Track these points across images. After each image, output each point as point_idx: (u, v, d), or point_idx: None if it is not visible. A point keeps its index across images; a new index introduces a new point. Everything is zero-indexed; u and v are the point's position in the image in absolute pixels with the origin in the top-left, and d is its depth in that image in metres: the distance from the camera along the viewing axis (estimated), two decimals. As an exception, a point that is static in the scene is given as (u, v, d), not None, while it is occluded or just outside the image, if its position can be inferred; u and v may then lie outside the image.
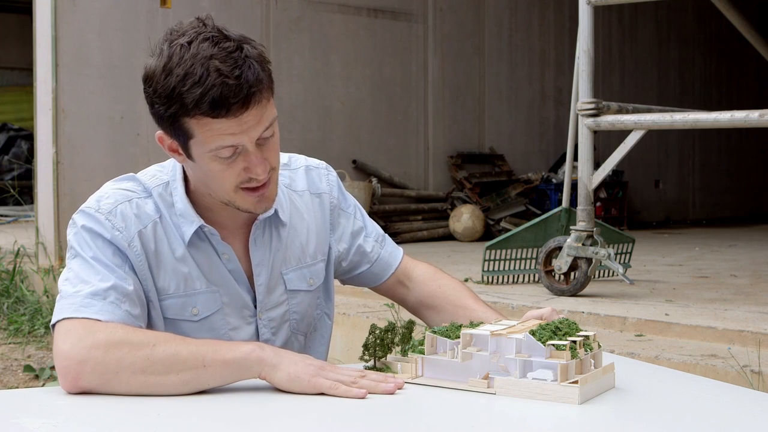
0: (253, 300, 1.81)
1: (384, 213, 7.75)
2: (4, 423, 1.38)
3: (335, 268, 1.97)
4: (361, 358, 1.65)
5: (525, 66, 9.19)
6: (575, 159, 4.61)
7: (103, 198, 1.71)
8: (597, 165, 4.38)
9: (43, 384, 4.40)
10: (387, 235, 2.05)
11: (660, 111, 4.44)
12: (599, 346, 1.58)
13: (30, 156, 9.43)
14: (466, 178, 8.36)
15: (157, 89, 1.60)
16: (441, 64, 8.45)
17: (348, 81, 7.91)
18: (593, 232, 4.31)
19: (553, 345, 1.50)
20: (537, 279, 4.87)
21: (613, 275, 4.96)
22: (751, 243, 7.71)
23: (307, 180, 1.93)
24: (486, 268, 4.88)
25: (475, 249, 6.52)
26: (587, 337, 1.56)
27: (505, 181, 8.60)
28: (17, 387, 4.37)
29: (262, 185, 1.68)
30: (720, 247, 7.24)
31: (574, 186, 4.85)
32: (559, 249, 4.40)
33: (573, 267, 4.34)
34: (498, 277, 4.94)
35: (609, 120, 4.27)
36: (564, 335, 1.54)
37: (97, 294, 1.60)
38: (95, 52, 6.44)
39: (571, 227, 4.40)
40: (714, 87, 11.33)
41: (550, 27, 9.40)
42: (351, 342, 4.09)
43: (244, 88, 1.57)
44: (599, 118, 4.27)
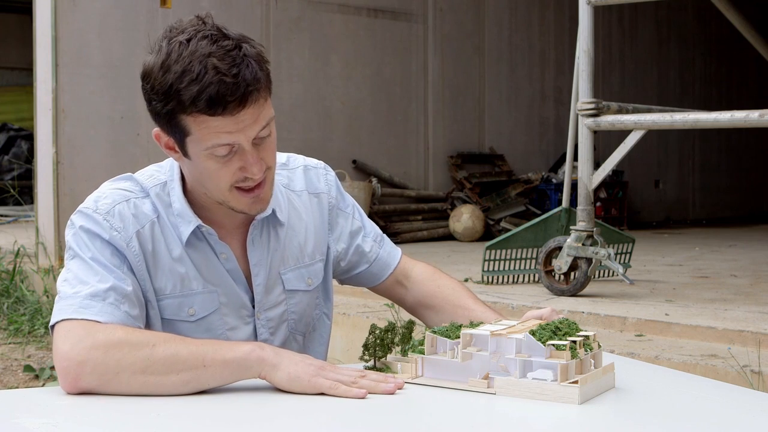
0: (251, 300, 1.81)
1: (384, 213, 7.74)
2: (4, 423, 1.38)
3: (334, 268, 1.97)
4: (361, 358, 1.64)
5: (525, 66, 9.19)
6: (575, 159, 4.61)
7: (101, 198, 1.71)
8: (597, 165, 4.38)
9: (43, 384, 4.40)
10: (385, 236, 2.05)
11: (660, 111, 4.44)
12: (599, 346, 1.58)
13: (30, 156, 9.42)
14: (466, 178, 8.36)
15: (155, 86, 1.60)
16: (441, 64, 8.45)
17: (348, 81, 7.90)
18: (593, 232, 4.31)
19: (553, 345, 1.50)
20: (537, 279, 4.87)
21: (613, 275, 4.96)
22: (751, 243, 7.71)
23: (306, 180, 1.92)
24: (486, 268, 4.88)
25: (475, 249, 6.52)
26: (587, 337, 1.56)
27: (505, 181, 8.60)
28: (17, 387, 4.36)
29: (257, 186, 1.67)
30: (720, 247, 7.24)
31: (574, 186, 4.85)
32: (559, 249, 4.40)
33: (573, 267, 4.34)
34: (498, 277, 4.94)
35: (609, 120, 4.27)
36: (564, 335, 1.54)
37: (97, 295, 1.60)
38: (95, 52, 6.44)
39: (571, 227, 4.40)
40: (714, 87, 11.33)
41: (550, 27, 9.39)
42: (351, 342, 4.09)
43: (241, 86, 1.57)
44: (599, 118, 4.27)
